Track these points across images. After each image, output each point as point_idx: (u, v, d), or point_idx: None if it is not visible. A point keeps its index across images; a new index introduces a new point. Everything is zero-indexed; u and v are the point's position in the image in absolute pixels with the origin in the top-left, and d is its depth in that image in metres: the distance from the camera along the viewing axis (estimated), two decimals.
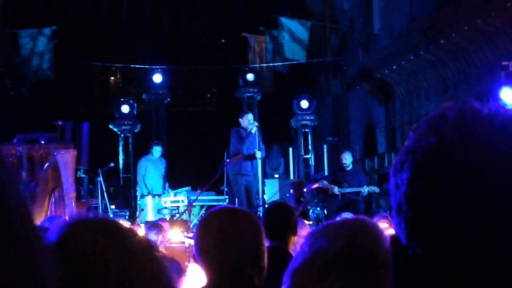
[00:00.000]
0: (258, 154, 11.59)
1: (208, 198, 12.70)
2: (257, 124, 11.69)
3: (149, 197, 12.44)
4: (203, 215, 2.48)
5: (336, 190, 11.75)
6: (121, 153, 15.54)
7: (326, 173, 14.15)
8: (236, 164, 11.57)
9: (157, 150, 13.34)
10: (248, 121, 11.62)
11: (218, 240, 2.29)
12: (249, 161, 11.60)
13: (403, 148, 0.93)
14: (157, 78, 16.42)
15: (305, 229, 5.06)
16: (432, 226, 0.87)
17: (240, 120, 11.77)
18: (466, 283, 0.87)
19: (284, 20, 17.15)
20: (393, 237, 0.95)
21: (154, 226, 7.46)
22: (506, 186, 0.84)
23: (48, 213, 7.01)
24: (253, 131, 11.58)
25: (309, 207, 13.13)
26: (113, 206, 13.36)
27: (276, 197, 12.52)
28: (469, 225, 0.85)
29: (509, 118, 0.89)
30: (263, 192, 12.72)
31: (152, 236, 6.81)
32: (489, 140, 0.86)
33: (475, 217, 0.84)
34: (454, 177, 0.86)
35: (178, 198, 12.52)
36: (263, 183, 12.92)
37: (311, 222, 11.48)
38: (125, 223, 1.31)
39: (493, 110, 0.90)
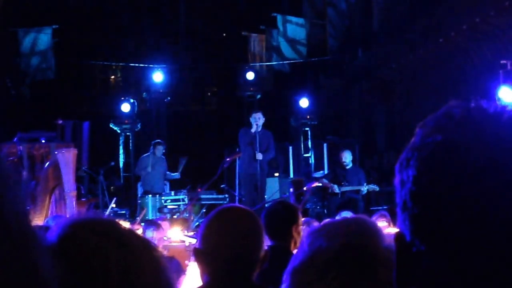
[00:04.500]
0: (259, 156, 11.52)
1: (208, 197, 12.71)
2: (258, 123, 11.65)
3: (150, 196, 12.45)
4: (211, 213, 2.46)
5: (336, 188, 11.76)
6: (121, 152, 15.54)
7: (326, 172, 14.15)
8: (243, 163, 11.58)
9: (159, 149, 13.38)
10: (254, 120, 11.63)
11: (226, 239, 2.30)
12: (254, 160, 11.54)
13: (409, 144, 0.94)
14: (158, 77, 16.42)
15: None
16: (437, 223, 0.88)
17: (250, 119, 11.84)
18: (470, 280, 0.87)
19: (283, 19, 17.15)
20: (397, 234, 0.95)
21: (151, 223, 7.49)
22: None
23: (49, 212, 7.01)
24: (252, 130, 11.58)
25: (309, 206, 13.14)
26: (113, 205, 13.37)
27: (276, 196, 12.52)
28: (474, 223, 0.85)
29: None
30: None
31: (149, 233, 6.82)
32: (494, 138, 0.87)
33: (480, 215, 0.85)
34: (459, 174, 0.86)
35: (179, 197, 12.53)
36: None
37: None
38: (125, 223, 1.32)
39: (499, 109, 0.90)
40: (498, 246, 0.85)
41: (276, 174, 14.39)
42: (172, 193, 12.91)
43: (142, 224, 8.71)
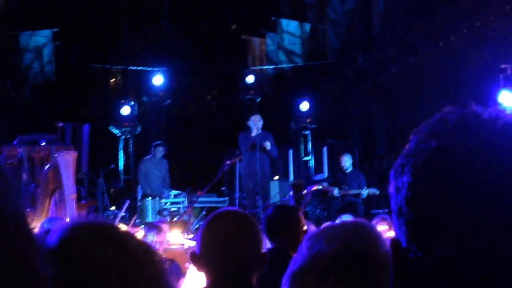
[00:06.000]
0: (266, 145, 11.43)
1: (208, 200, 12.71)
2: (257, 126, 11.62)
3: (150, 198, 12.44)
4: (207, 217, 2.46)
5: (336, 192, 11.74)
6: (121, 154, 15.54)
7: (326, 175, 14.14)
8: (245, 167, 11.58)
9: (159, 150, 13.37)
10: (254, 123, 11.60)
11: (222, 243, 2.30)
12: (255, 162, 11.50)
13: (404, 151, 0.94)
14: (158, 80, 16.41)
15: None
16: (432, 229, 0.88)
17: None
18: (468, 286, 0.87)
19: (284, 22, 17.17)
20: (393, 240, 0.95)
21: (152, 227, 7.49)
22: (507, 190, 0.85)
23: (49, 214, 7.01)
24: (253, 134, 11.57)
25: (309, 209, 13.13)
26: (113, 208, 13.36)
27: (276, 199, 12.52)
28: (469, 229, 0.85)
29: (509, 122, 0.89)
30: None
31: (151, 237, 6.82)
32: (489, 144, 0.87)
33: (475, 221, 0.85)
34: (454, 180, 0.86)
35: (179, 200, 12.53)
36: None
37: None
38: (124, 227, 1.32)
39: (493, 115, 0.90)
40: (497, 252, 0.85)
41: (276, 177, 14.39)
42: (172, 195, 12.91)
43: (142, 226, 8.72)
